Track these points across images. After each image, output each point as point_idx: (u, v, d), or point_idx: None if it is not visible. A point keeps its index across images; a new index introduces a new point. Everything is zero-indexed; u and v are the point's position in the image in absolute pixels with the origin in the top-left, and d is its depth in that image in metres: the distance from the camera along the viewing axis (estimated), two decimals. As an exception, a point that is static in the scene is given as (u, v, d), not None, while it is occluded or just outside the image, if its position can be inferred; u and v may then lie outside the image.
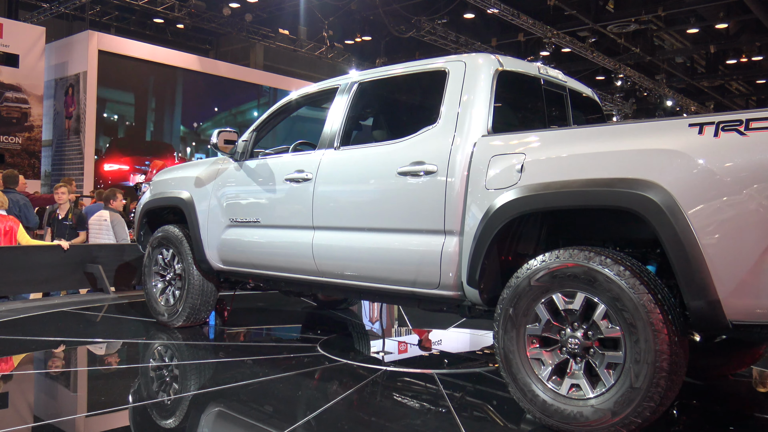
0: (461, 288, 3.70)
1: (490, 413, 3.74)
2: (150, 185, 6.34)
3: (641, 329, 2.90)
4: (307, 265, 4.59)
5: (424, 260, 3.83)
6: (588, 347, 3.16)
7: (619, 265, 3.02)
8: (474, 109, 3.83)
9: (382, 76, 4.64)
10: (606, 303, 3.04)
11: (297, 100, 5.27)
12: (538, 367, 3.30)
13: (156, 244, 5.94)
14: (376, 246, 4.12)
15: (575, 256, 3.14)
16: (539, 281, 3.24)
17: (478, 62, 3.99)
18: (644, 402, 2.90)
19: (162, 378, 4.51)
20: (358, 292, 4.58)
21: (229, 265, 5.31)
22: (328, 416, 3.55)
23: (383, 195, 4.11)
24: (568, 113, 4.59)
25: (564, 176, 3.21)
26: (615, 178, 3.03)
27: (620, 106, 24.43)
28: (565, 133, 3.50)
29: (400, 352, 5.32)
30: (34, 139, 16.91)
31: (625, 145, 3.09)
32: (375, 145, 4.50)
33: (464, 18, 19.57)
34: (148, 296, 6.00)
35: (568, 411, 3.12)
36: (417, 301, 4.13)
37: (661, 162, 2.92)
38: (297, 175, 4.66)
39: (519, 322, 3.33)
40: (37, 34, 16.86)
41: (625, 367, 2.97)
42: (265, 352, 5.18)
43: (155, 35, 21.78)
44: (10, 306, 6.85)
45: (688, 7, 17.31)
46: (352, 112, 4.67)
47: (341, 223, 4.37)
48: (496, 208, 3.40)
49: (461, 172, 3.68)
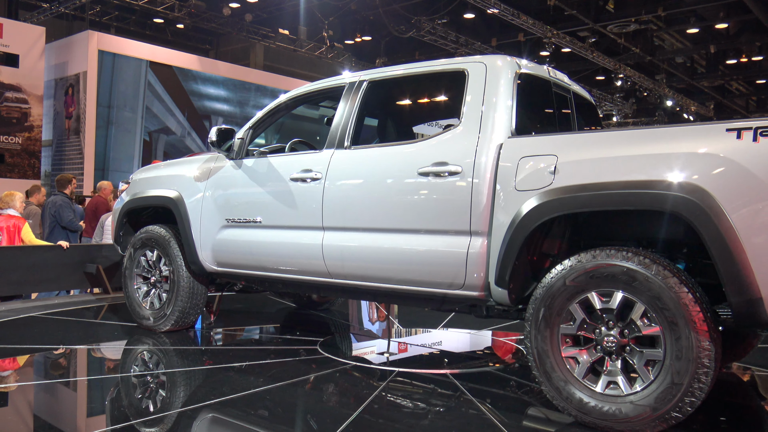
0: (487, 288, 3.71)
1: (525, 411, 3.75)
2: (129, 184, 6.08)
3: (683, 327, 2.98)
4: (315, 266, 4.49)
5: (448, 261, 3.81)
6: (624, 345, 3.21)
7: (657, 265, 3.09)
8: (498, 111, 3.84)
9: (394, 75, 4.57)
10: (645, 302, 3.10)
11: (297, 98, 5.14)
12: (573, 365, 3.33)
13: (139, 245, 5.70)
14: (393, 247, 4.07)
15: (613, 256, 3.19)
16: (575, 281, 3.28)
17: (498, 64, 4.00)
18: (685, 397, 2.99)
19: (166, 387, 4.26)
20: (372, 293, 4.48)
21: (224, 266, 5.15)
22: (362, 426, 3.42)
23: (402, 195, 4.06)
24: (573, 116, 4.64)
25: (601, 178, 3.25)
26: (655, 180, 3.08)
27: (620, 106, 24.49)
28: (597, 136, 3.56)
29: (401, 351, 5.27)
30: (34, 139, 16.81)
31: (662, 149, 3.14)
32: (392, 145, 4.47)
33: (464, 18, 19.57)
34: (129, 300, 5.75)
35: (606, 408, 3.17)
36: (436, 302, 4.09)
37: (703, 165, 2.99)
38: (304, 175, 4.55)
39: (553, 322, 3.37)
40: (37, 34, 16.77)
41: (665, 364, 3.04)
42: (268, 355, 5.03)
43: (155, 35, 21.73)
44: (10, 306, 6.80)
45: (688, 7, 17.35)
46: (362, 110, 4.58)
47: (354, 224, 4.29)
48: (531, 208, 3.42)
49: (488, 173, 3.68)
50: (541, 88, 4.34)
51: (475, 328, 5.96)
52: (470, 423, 3.46)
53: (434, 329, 6.07)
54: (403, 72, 4.53)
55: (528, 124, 4.66)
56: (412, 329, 6.15)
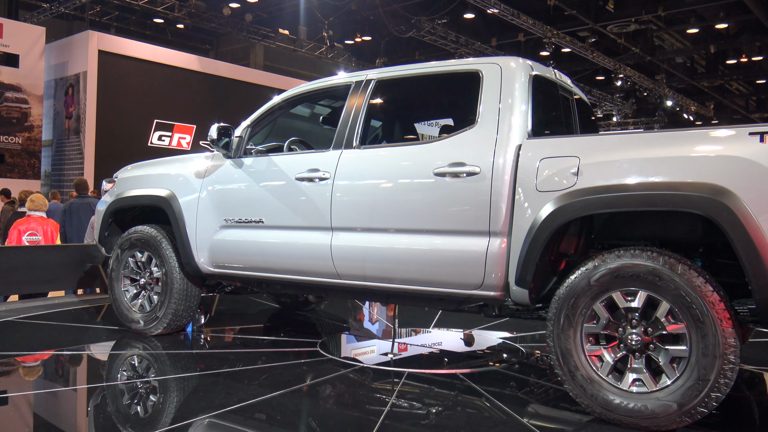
0: (506, 288, 3.71)
1: (547, 408, 3.76)
2: (114, 182, 5.78)
3: (709, 324, 3.04)
4: (322, 267, 4.40)
5: (466, 261, 3.79)
6: (647, 343, 3.26)
7: (682, 264, 3.15)
8: (514, 113, 3.85)
9: (404, 74, 4.51)
10: (671, 300, 3.15)
11: (297, 97, 5.01)
12: (597, 364, 3.37)
13: (127, 246, 5.43)
14: (408, 247, 4.03)
15: (638, 256, 3.24)
16: (599, 281, 3.32)
17: (513, 66, 4.00)
18: (711, 392, 3.05)
19: (171, 394, 4.01)
20: (384, 294, 4.37)
21: (222, 267, 4.98)
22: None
23: (417, 196, 4.02)
24: (575, 118, 4.68)
25: (626, 180, 3.29)
26: (682, 182, 3.14)
27: (620, 106, 24.56)
28: (619, 139, 3.61)
29: (401, 351, 5.18)
30: (34, 139, 16.81)
31: (686, 151, 3.21)
32: (404, 145, 4.44)
33: (464, 18, 19.62)
34: (117, 303, 5.45)
35: (632, 405, 3.21)
36: (450, 302, 4.07)
37: (728, 168, 3.06)
38: (311, 174, 4.44)
39: (576, 321, 3.40)
40: (37, 34, 16.77)
41: (691, 361, 3.10)
42: (270, 358, 4.83)
43: (155, 35, 21.74)
44: (10, 306, 6.74)
45: (688, 7, 17.43)
46: (371, 110, 4.52)
47: (366, 224, 4.22)
48: (556, 209, 3.44)
49: (507, 174, 3.68)
50: (549, 90, 4.36)
51: (462, 327, 5.94)
52: (500, 424, 3.48)
53: (425, 329, 6.02)
54: (413, 72, 4.48)
55: (539, 125, 4.69)
56: (402, 329, 6.05)
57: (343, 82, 4.73)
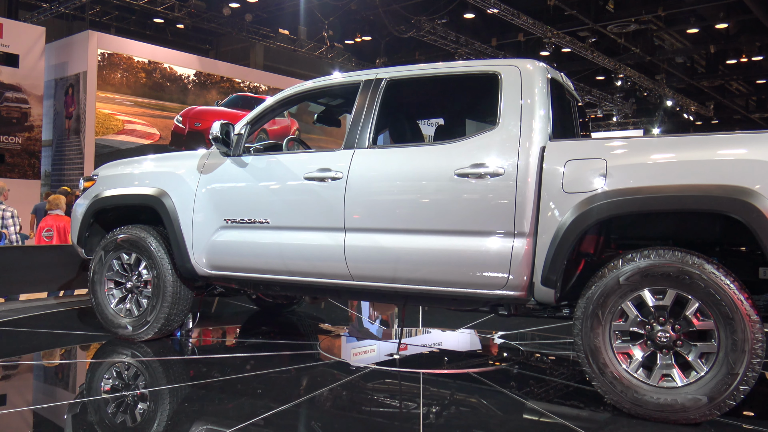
0: (530, 288, 3.74)
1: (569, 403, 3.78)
2: (95, 181, 5.51)
3: (738, 321, 3.16)
4: (334, 269, 4.33)
5: (490, 261, 3.79)
6: (675, 339, 3.35)
7: (709, 263, 3.26)
8: (536, 115, 3.88)
9: (418, 74, 4.47)
10: (699, 298, 3.25)
11: (298, 96, 4.91)
12: (626, 361, 3.45)
13: (112, 248, 5.19)
14: (428, 248, 4.00)
15: (667, 256, 3.34)
16: (628, 280, 3.40)
17: (530, 68, 4.03)
18: (740, 386, 3.18)
19: (180, 402, 3.83)
20: (401, 295, 4.29)
21: (221, 269, 4.83)
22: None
23: (438, 196, 3.98)
24: (576, 120, 4.77)
25: (655, 182, 3.37)
26: (711, 184, 3.23)
27: (620, 106, 24.62)
28: (645, 141, 3.76)
29: (401, 350, 5.12)
30: (34, 139, 16.74)
31: (713, 155, 3.31)
32: (422, 145, 4.40)
33: (464, 18, 19.62)
34: (100, 308, 5.20)
35: (662, 400, 3.30)
36: (470, 302, 4.07)
37: (756, 171, 3.17)
38: (322, 174, 4.36)
39: (605, 319, 3.47)
40: (37, 34, 16.71)
41: (720, 356, 3.21)
42: (272, 362, 4.68)
43: (155, 35, 21.69)
44: (10, 306, 6.70)
45: (688, 7, 17.47)
46: (383, 109, 4.44)
47: (383, 225, 4.17)
48: (585, 210, 3.49)
49: (531, 175, 3.71)
50: (560, 93, 4.42)
51: (452, 327, 5.97)
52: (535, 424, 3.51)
53: (416, 328, 6.01)
54: (428, 72, 4.43)
55: (555, 127, 4.74)
56: (397, 330, 6.03)
57: (351, 80, 4.66)
